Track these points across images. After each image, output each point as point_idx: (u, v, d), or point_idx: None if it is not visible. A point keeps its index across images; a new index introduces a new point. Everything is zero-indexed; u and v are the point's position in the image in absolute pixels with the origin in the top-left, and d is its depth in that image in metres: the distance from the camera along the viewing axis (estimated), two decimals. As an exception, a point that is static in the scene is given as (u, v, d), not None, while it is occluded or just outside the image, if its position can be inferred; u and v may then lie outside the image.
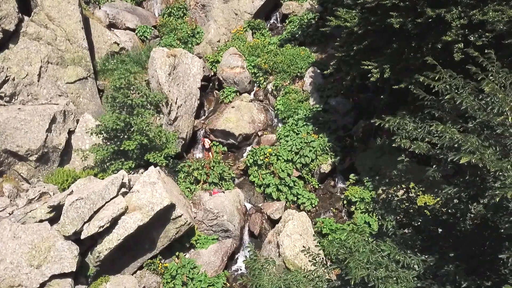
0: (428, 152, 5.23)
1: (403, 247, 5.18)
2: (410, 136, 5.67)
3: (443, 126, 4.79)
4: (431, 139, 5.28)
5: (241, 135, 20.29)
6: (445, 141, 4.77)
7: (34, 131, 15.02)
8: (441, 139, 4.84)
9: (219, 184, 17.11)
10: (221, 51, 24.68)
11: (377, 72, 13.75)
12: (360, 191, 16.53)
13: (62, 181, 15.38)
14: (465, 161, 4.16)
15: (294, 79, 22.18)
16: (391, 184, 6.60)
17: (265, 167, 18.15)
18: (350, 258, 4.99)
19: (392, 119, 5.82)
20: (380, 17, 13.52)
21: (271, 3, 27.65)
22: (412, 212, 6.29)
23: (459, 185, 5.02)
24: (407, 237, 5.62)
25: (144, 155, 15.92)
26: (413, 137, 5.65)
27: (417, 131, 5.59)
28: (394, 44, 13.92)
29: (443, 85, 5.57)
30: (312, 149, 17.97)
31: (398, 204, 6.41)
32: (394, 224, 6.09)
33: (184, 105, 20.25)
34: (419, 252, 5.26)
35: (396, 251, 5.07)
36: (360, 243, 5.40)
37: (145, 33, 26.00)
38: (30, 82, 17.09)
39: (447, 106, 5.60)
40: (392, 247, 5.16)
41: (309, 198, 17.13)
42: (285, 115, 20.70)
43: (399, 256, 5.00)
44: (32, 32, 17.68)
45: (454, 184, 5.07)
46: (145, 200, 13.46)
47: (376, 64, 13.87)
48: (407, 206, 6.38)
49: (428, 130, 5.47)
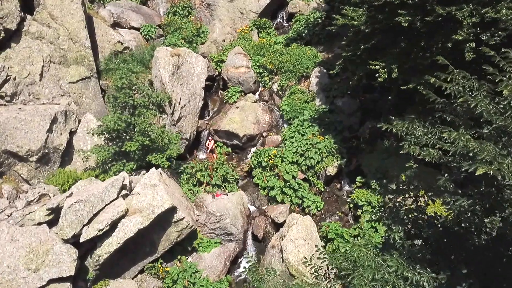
0: (439, 160, 4.84)
1: (411, 262, 4.79)
2: (419, 142, 5.27)
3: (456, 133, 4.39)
4: (442, 145, 4.88)
5: (245, 136, 19.94)
6: (458, 148, 4.38)
7: (34, 131, 14.80)
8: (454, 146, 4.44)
9: (222, 186, 16.78)
10: (226, 50, 24.35)
11: (384, 72, 13.32)
12: (366, 194, 16.11)
13: (63, 182, 15.15)
14: (481, 172, 3.77)
15: (300, 79, 21.79)
16: (398, 192, 6.20)
17: (270, 169, 17.78)
18: (354, 274, 4.61)
19: (400, 124, 5.43)
20: (387, 15, 13.09)
21: (277, 2, 27.26)
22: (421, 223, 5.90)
23: (473, 197, 4.62)
24: (416, 250, 5.23)
25: (146, 156, 15.64)
26: (422, 143, 5.25)
27: (427, 137, 5.18)
28: (402, 43, 13.48)
29: (456, 87, 5.16)
30: (318, 151, 17.56)
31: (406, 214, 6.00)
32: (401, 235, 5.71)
33: (188, 105, 19.95)
34: (429, 266, 4.85)
35: (404, 267, 4.68)
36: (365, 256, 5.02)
37: (149, 32, 25.75)
38: (32, 82, 16.89)
39: (460, 109, 5.18)
40: (399, 262, 4.77)
41: (314, 201, 16.74)
42: (290, 115, 20.32)
43: (407, 273, 4.61)
44: (34, 31, 17.48)
45: (468, 195, 4.68)
46: (146, 203, 13.17)
47: (383, 64, 13.45)
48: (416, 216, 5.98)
49: (439, 136, 5.06)
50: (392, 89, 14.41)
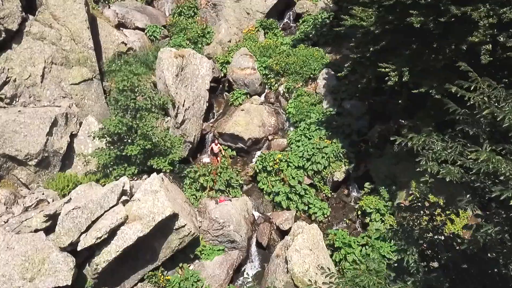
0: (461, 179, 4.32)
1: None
2: (438, 158, 4.73)
3: (485, 153, 3.84)
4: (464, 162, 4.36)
5: (250, 139, 19.46)
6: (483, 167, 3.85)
7: (34, 134, 14.45)
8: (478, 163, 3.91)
9: (226, 191, 16.31)
10: (231, 51, 23.89)
11: (395, 76, 12.76)
12: (375, 201, 15.55)
13: (63, 186, 14.78)
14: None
15: (306, 81, 21.26)
16: (412, 210, 5.66)
17: (275, 173, 17.27)
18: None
19: (416, 137, 4.90)
20: (398, 15, 12.54)
21: (284, 2, 26.73)
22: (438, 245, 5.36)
23: (501, 223, 4.09)
24: (433, 278, 4.70)
25: (148, 160, 15.23)
26: (441, 158, 4.71)
27: (446, 152, 4.65)
28: (413, 45, 12.92)
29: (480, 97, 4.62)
30: (325, 156, 17.02)
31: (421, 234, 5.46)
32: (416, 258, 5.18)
33: (192, 107, 19.51)
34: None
35: (420, 299, 4.18)
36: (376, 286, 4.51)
37: (154, 33, 25.38)
38: (33, 83, 16.56)
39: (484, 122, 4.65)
40: (414, 293, 4.26)
41: (321, 207, 16.20)
42: (296, 118, 19.80)
43: (423, 307, 4.11)
44: (36, 32, 17.16)
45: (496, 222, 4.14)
46: (146, 210, 12.73)
47: (393, 66, 12.89)
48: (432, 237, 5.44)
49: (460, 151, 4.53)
50: (402, 92, 13.83)
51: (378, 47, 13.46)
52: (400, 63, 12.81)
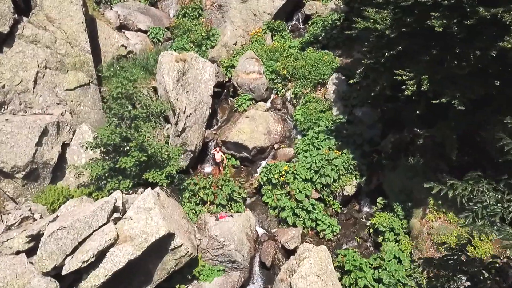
0: (525, 248, 3.19)
1: None
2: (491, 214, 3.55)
3: None
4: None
5: (255, 148, 18.35)
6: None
7: (21, 145, 13.49)
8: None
9: (227, 206, 15.19)
10: (237, 54, 22.81)
11: (412, 84, 11.54)
12: (389, 219, 14.34)
13: (53, 200, 13.81)
14: None
15: (315, 86, 20.09)
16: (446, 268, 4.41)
17: (281, 186, 16.14)
18: None
19: (460, 185, 3.73)
20: (417, 18, 11.32)
21: (292, 3, 25.60)
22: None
23: None
24: None
25: (144, 172, 14.19)
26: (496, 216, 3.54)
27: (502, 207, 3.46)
28: (433, 50, 11.68)
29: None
30: (335, 168, 15.83)
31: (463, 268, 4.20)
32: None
33: (193, 114, 18.47)
34: None
35: None
36: None
37: (157, 35, 24.42)
38: (25, 89, 15.63)
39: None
40: None
41: (330, 224, 15.02)
42: (304, 126, 18.64)
43: None
44: (29, 35, 16.23)
45: None
46: (138, 230, 11.68)
47: (411, 74, 11.66)
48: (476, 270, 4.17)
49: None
50: (420, 101, 12.59)
51: (393, 52, 12.24)
52: (418, 70, 11.59)
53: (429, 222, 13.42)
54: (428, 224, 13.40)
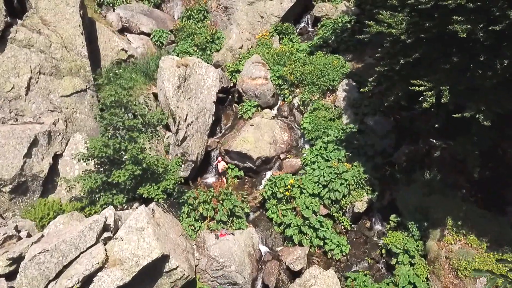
0: None
1: None
2: None
3: None
4: None
5: (260, 158, 17.34)
6: None
7: (8, 157, 12.66)
8: None
9: (228, 222, 14.17)
10: (242, 59, 21.84)
11: (431, 95, 10.42)
12: (403, 239, 13.21)
13: (43, 215, 12.94)
14: None
15: (324, 92, 19.03)
16: None
17: (286, 201, 15.09)
18: None
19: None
20: (437, 22, 10.21)
21: (301, 5, 24.56)
22: None
23: None
24: None
25: (139, 186, 13.24)
26: None
27: None
28: (454, 57, 10.55)
29: None
30: (344, 182, 14.74)
31: None
32: None
33: (195, 122, 17.51)
34: None
35: None
36: None
37: (160, 38, 23.57)
38: (16, 96, 14.83)
39: None
40: None
41: (339, 243, 13.94)
42: (312, 135, 17.58)
43: None
44: (22, 39, 15.43)
45: None
46: (129, 252, 10.73)
47: (430, 84, 10.54)
48: None
49: None
50: (438, 114, 11.46)
51: (410, 59, 11.14)
52: (438, 80, 10.48)
53: (448, 244, 12.27)
54: (447, 247, 12.25)
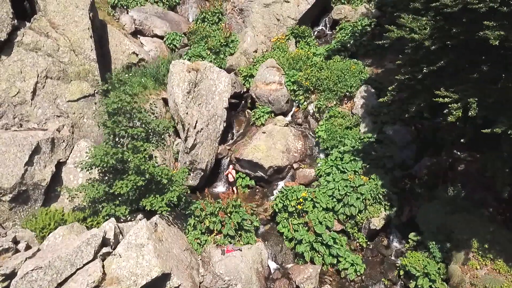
0: None
1: None
2: None
3: None
4: None
5: (271, 167, 16.56)
6: None
7: (8, 165, 12.22)
8: None
9: (236, 236, 13.43)
10: (257, 63, 21.11)
11: (457, 108, 9.46)
12: (423, 260, 12.23)
13: (43, 226, 12.46)
14: None
15: (341, 99, 18.13)
16: None
17: (298, 215, 14.27)
18: None
19: None
20: (465, 27, 9.25)
21: (319, 7, 23.71)
22: None
23: None
24: None
25: (143, 197, 12.64)
26: None
27: None
28: (483, 66, 9.57)
29: None
30: (361, 197, 13.83)
31: None
32: None
33: (205, 129, 16.87)
34: None
35: None
36: None
37: (174, 41, 23.07)
38: (22, 101, 14.44)
39: None
40: None
41: (353, 262, 13.03)
42: (328, 144, 16.72)
43: None
44: (29, 42, 15.06)
45: None
46: (127, 270, 10.11)
47: (456, 95, 9.58)
48: None
49: None
50: (465, 128, 10.47)
51: (433, 67, 10.19)
52: (465, 91, 9.51)
53: (473, 269, 11.24)
54: (472, 272, 11.22)
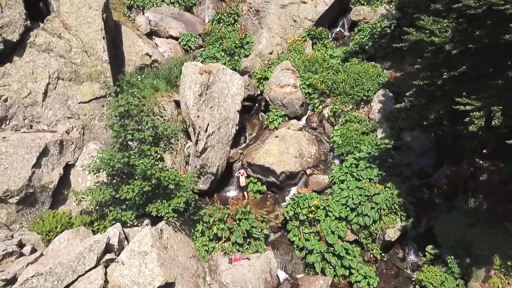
0: None
1: None
2: None
3: None
4: None
5: (283, 173, 16.09)
6: None
7: (16, 167, 12.11)
8: None
9: (245, 244, 13.03)
10: (272, 65, 20.68)
11: (480, 117, 8.83)
12: (440, 276, 11.58)
13: (50, 229, 12.32)
14: None
15: (358, 103, 17.54)
16: None
17: (309, 224, 13.77)
18: None
19: None
20: (490, 30, 8.62)
21: (337, 8, 23.15)
22: None
23: None
24: None
25: (150, 203, 12.36)
26: None
27: None
28: (509, 72, 8.90)
29: None
30: (375, 207, 13.24)
31: None
32: None
33: (217, 132, 16.53)
34: None
35: None
36: None
37: (188, 43, 22.86)
38: (33, 102, 14.38)
39: None
40: None
41: (366, 275, 12.45)
42: (343, 150, 16.16)
43: None
44: (42, 43, 15.01)
45: None
46: (129, 279, 9.82)
47: (478, 103, 8.95)
48: None
49: None
50: (488, 138, 9.80)
51: (455, 73, 9.57)
52: (488, 99, 8.87)
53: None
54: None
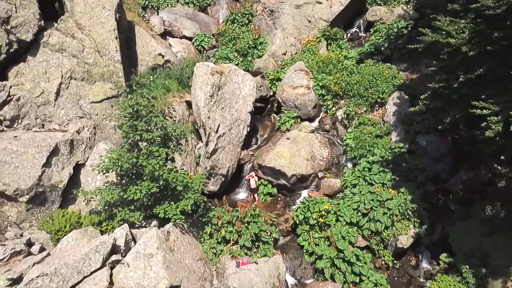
0: None
1: None
2: None
3: None
4: None
5: (294, 175, 15.85)
6: None
7: (26, 166, 12.18)
8: None
9: (253, 248, 12.82)
10: (285, 66, 20.45)
11: (497, 122, 8.45)
12: (454, 286, 11.22)
13: (59, 228, 12.36)
14: None
15: (372, 106, 17.16)
16: None
17: (319, 228, 13.50)
18: None
19: None
20: (509, 31, 8.24)
21: (353, 9, 22.73)
22: None
23: None
24: None
25: (157, 204, 12.29)
26: None
27: None
28: (529, 75, 8.53)
29: None
30: (388, 212, 12.89)
31: None
32: None
33: (228, 133, 16.39)
34: None
35: None
36: None
37: (202, 43, 22.81)
38: (45, 102, 14.49)
39: None
40: None
41: (377, 282, 12.10)
42: (356, 153, 15.83)
43: None
44: (55, 43, 15.11)
45: None
46: (134, 282, 9.74)
47: (496, 107, 8.56)
48: None
49: None
50: (507, 144, 9.39)
51: (472, 75, 9.19)
52: (506, 103, 8.48)
53: (511, 300, 10.12)
54: (509, 303, 10.11)
